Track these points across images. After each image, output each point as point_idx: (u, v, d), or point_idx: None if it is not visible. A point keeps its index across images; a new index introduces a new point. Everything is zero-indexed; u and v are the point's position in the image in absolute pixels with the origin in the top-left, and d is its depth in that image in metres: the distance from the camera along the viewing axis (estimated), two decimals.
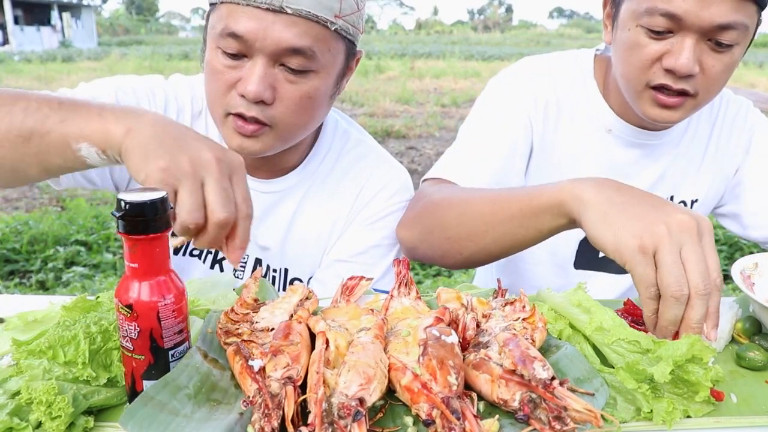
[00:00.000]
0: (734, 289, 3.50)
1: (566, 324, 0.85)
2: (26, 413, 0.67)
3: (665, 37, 1.04)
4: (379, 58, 19.96)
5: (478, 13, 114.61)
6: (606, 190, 0.84)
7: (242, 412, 0.66)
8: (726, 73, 1.07)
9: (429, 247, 1.09)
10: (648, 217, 0.78)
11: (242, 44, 0.98)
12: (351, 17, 1.03)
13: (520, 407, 0.66)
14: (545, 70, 1.26)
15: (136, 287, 0.68)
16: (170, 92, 1.18)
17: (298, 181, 1.21)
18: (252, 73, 0.99)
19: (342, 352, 0.72)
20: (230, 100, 1.02)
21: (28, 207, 5.09)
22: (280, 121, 1.04)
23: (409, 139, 7.92)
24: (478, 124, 1.24)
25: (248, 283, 0.93)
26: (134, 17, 68.72)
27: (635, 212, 0.79)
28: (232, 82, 1.01)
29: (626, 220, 0.79)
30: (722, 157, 1.28)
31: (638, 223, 0.78)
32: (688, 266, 0.75)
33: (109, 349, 0.74)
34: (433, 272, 3.63)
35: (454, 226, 1.04)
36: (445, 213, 1.06)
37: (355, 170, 1.23)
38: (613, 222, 0.80)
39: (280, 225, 1.21)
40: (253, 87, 0.98)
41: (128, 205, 0.66)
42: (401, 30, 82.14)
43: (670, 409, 0.69)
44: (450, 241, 1.05)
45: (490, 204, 1.00)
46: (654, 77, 1.07)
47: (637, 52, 1.08)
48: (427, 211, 1.10)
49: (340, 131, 1.26)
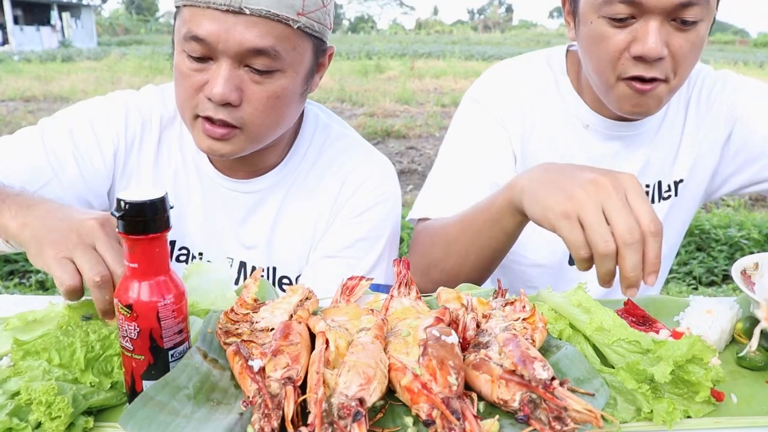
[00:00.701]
0: (734, 289, 3.50)
1: (566, 324, 0.85)
2: (26, 413, 0.67)
3: (628, 23, 1.04)
4: (379, 58, 19.95)
5: (478, 13, 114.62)
6: (536, 172, 0.93)
7: (242, 413, 0.66)
8: (694, 51, 1.07)
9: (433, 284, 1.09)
10: (568, 185, 0.84)
11: (205, 47, 0.98)
12: (315, 14, 1.02)
13: (520, 407, 0.66)
14: (516, 76, 1.28)
15: (136, 287, 0.68)
16: (133, 106, 1.20)
17: (280, 179, 1.21)
18: (217, 75, 0.99)
19: (342, 353, 0.72)
20: (198, 103, 1.03)
21: None
22: (249, 123, 1.04)
23: (409, 139, 7.92)
24: (457, 152, 1.25)
25: (248, 283, 0.93)
26: (134, 17, 68.70)
27: (558, 185, 0.86)
28: (199, 85, 1.01)
29: (550, 193, 0.86)
30: (703, 133, 1.27)
31: (560, 193, 0.84)
32: (612, 221, 0.79)
33: (110, 356, 0.74)
34: None
35: (442, 259, 1.11)
36: (431, 251, 1.13)
37: (337, 164, 1.23)
38: (541, 198, 0.88)
39: (265, 224, 1.21)
40: (219, 89, 0.98)
41: (128, 205, 0.66)
42: (401, 30, 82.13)
43: (670, 409, 0.69)
44: (444, 273, 1.10)
45: (460, 225, 1.07)
46: (624, 69, 1.07)
47: (603, 45, 1.07)
48: (419, 254, 1.16)
49: (321, 126, 1.25)
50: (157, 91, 1.24)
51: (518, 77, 1.27)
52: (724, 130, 1.26)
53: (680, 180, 1.29)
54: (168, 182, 1.20)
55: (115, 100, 1.21)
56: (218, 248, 1.23)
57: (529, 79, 1.26)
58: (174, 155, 1.21)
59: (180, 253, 1.23)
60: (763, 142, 1.22)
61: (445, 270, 1.09)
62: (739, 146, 1.25)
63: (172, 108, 1.21)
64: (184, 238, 1.23)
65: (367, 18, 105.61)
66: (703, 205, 1.41)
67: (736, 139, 1.26)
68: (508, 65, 1.31)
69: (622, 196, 0.80)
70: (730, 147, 1.27)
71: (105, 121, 1.17)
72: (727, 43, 38.27)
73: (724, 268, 3.76)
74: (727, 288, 3.57)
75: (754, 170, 1.26)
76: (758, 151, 1.23)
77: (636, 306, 0.93)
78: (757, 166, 1.25)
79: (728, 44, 37.27)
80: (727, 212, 4.65)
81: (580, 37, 1.14)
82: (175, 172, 1.21)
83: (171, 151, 1.21)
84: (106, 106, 1.19)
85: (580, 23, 1.12)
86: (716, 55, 17.27)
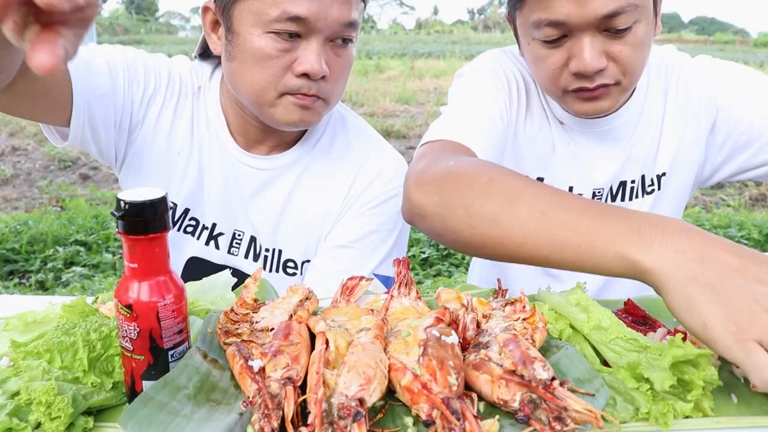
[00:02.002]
0: None
1: (566, 324, 0.85)
2: (25, 414, 0.67)
3: (561, 43, 1.04)
4: (379, 57, 19.95)
5: (478, 12, 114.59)
6: (687, 264, 0.67)
7: (242, 413, 0.66)
8: (638, 52, 1.05)
9: (444, 226, 0.88)
10: (739, 299, 0.64)
11: (302, 26, 1.04)
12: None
13: (520, 408, 0.66)
14: (510, 58, 1.27)
15: (136, 287, 0.68)
16: (173, 65, 1.25)
17: (293, 160, 1.23)
18: (311, 52, 1.05)
19: (342, 353, 0.72)
20: (287, 82, 1.08)
21: (28, 207, 5.09)
22: (332, 93, 1.12)
23: (409, 139, 7.91)
24: (464, 94, 1.19)
25: (248, 283, 0.93)
26: (134, 17, 68.66)
27: (723, 295, 0.65)
28: (286, 65, 1.07)
29: (714, 306, 0.65)
30: (684, 124, 1.25)
31: (727, 309, 0.64)
32: None
33: (111, 355, 0.74)
34: (433, 272, 3.63)
35: (487, 222, 0.82)
36: (474, 198, 0.84)
37: (351, 154, 1.25)
38: (699, 308, 0.65)
39: (275, 204, 1.23)
40: (317, 66, 1.05)
41: (128, 205, 0.66)
42: (401, 30, 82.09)
43: (665, 410, 0.69)
44: (475, 233, 0.84)
45: (538, 217, 0.78)
46: (567, 83, 1.07)
47: (542, 65, 1.09)
48: (450, 184, 0.89)
49: (336, 115, 1.29)
50: (187, 61, 1.28)
51: (513, 60, 1.27)
52: (706, 119, 1.25)
53: (662, 173, 1.28)
54: (196, 148, 1.23)
55: (159, 56, 1.25)
56: (230, 221, 1.24)
57: (520, 70, 1.27)
58: (201, 123, 1.24)
59: (189, 223, 1.24)
60: (749, 129, 1.20)
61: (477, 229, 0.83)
62: (725, 136, 1.24)
63: (198, 80, 1.25)
64: (198, 208, 1.24)
65: (367, 18, 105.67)
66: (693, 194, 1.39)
67: (721, 129, 1.24)
68: (503, 50, 1.31)
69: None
70: (716, 137, 1.25)
71: (152, 62, 1.22)
72: (727, 43, 38.25)
73: None
74: None
75: (744, 158, 1.24)
76: (745, 138, 1.21)
77: (636, 306, 0.93)
78: (746, 153, 1.23)
79: (728, 44, 37.25)
80: (727, 212, 4.65)
81: (524, 53, 1.16)
82: (202, 140, 1.23)
83: (199, 118, 1.24)
84: (152, 55, 1.24)
85: (522, 42, 1.14)
86: (716, 55, 17.29)
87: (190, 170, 1.22)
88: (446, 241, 0.91)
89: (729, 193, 5.61)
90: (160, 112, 1.21)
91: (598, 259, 0.72)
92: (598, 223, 0.73)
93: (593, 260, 0.73)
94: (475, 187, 0.84)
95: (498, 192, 0.82)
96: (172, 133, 1.21)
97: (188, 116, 1.22)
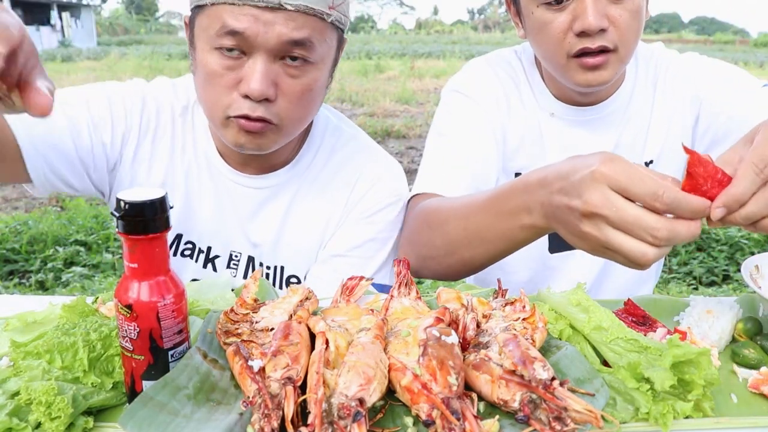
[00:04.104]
0: (734, 289, 3.50)
1: (566, 324, 0.85)
2: (26, 414, 0.67)
3: (565, 6, 1.10)
4: (379, 57, 19.96)
5: (478, 12, 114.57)
6: (550, 210, 0.84)
7: (242, 413, 0.66)
8: (635, 20, 1.12)
9: (426, 272, 1.11)
10: (567, 221, 0.80)
11: (242, 41, 0.98)
12: (342, 7, 1.04)
13: (520, 408, 0.66)
14: (491, 70, 1.32)
15: (136, 287, 0.68)
16: (149, 94, 1.20)
17: (290, 177, 1.22)
18: (253, 71, 0.99)
19: (342, 353, 0.72)
20: (232, 103, 1.02)
21: (28, 207, 5.09)
22: (284, 117, 1.05)
23: (409, 139, 7.92)
24: (444, 138, 1.27)
25: (248, 283, 0.93)
26: (134, 17, 68.65)
27: (559, 217, 0.81)
28: (232, 84, 1.01)
29: (560, 229, 0.83)
30: (670, 114, 1.29)
31: (568, 231, 0.81)
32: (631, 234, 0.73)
33: (111, 356, 0.74)
34: None
35: (442, 255, 1.06)
36: (429, 240, 1.08)
37: (349, 166, 1.24)
38: (562, 234, 0.83)
39: (274, 221, 1.22)
40: (257, 85, 0.98)
41: (128, 205, 0.66)
42: (401, 30, 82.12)
43: (665, 410, 0.69)
44: (443, 266, 1.07)
45: (465, 232, 1.00)
46: (571, 46, 1.12)
47: (547, 30, 1.13)
48: (414, 237, 1.13)
49: (332, 127, 1.27)
50: (168, 82, 1.25)
51: (493, 70, 1.32)
52: (691, 112, 1.29)
53: (650, 161, 1.31)
54: (180, 175, 1.20)
55: (133, 86, 1.22)
56: (226, 243, 1.23)
57: (502, 72, 1.31)
58: (187, 148, 1.21)
59: (186, 247, 1.23)
60: (727, 123, 1.24)
61: (443, 264, 1.08)
62: (706, 128, 1.28)
63: (183, 99, 1.21)
64: (192, 233, 1.23)
65: (367, 18, 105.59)
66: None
67: (703, 121, 1.28)
68: (483, 60, 1.36)
69: (613, 209, 0.72)
70: (699, 128, 1.29)
71: (121, 100, 1.18)
72: (727, 43, 38.25)
73: (724, 268, 3.76)
74: (728, 288, 3.57)
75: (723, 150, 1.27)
76: (723, 131, 1.25)
77: (636, 306, 0.93)
78: (724, 146, 1.25)
79: (728, 44, 37.25)
80: None
81: (527, 31, 1.20)
82: (188, 165, 1.21)
83: (185, 143, 1.21)
84: (124, 89, 1.20)
85: (524, 17, 1.18)
86: (716, 55, 17.29)
87: (175, 198, 1.19)
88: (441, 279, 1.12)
89: None
90: (136, 151, 1.18)
91: (516, 238, 0.92)
92: (502, 215, 0.93)
93: (512, 240, 0.93)
94: (430, 234, 1.08)
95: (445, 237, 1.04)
96: (152, 167, 1.19)
97: (168, 147, 1.19)
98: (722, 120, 1.24)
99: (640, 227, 0.71)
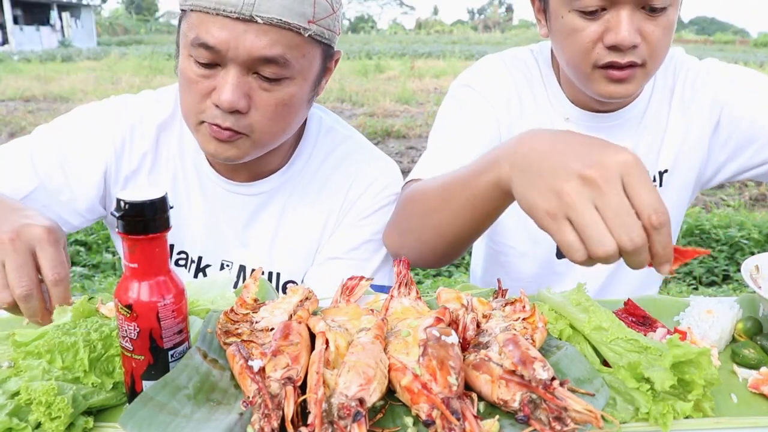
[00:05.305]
0: (734, 289, 3.50)
1: (567, 324, 0.85)
2: (26, 414, 0.67)
3: (599, 16, 1.06)
4: (379, 58, 19.93)
5: (478, 12, 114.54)
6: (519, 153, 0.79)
7: (242, 413, 0.66)
8: (667, 36, 1.09)
9: (408, 251, 1.07)
10: (553, 180, 0.71)
11: (214, 54, 0.97)
12: (325, 21, 1.01)
13: (520, 408, 0.66)
14: (505, 67, 1.29)
15: (136, 287, 0.68)
16: (123, 111, 1.19)
17: (284, 182, 1.20)
18: (225, 82, 0.98)
19: (342, 353, 0.72)
20: (205, 110, 1.01)
21: None
22: (257, 129, 1.03)
23: (409, 139, 7.92)
24: (448, 128, 1.25)
25: (248, 283, 0.93)
26: (134, 17, 68.64)
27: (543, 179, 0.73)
28: (206, 91, 1.00)
29: (534, 189, 0.73)
30: (688, 123, 1.27)
31: (545, 190, 0.72)
32: (607, 223, 0.68)
33: (111, 356, 0.74)
34: (433, 272, 3.63)
35: (419, 229, 1.03)
36: (410, 216, 1.06)
37: (344, 167, 1.22)
38: (526, 193, 0.75)
39: (268, 227, 1.21)
40: (227, 96, 0.97)
41: (128, 205, 0.66)
42: (401, 30, 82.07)
43: (665, 411, 0.69)
44: (420, 242, 1.03)
45: (441, 198, 0.96)
46: (599, 57, 1.08)
47: (576, 37, 1.09)
48: (398, 216, 1.12)
49: (325, 129, 1.25)
50: (150, 95, 1.23)
51: (507, 69, 1.29)
52: (710, 119, 1.26)
53: (665, 170, 1.29)
54: (166, 185, 1.19)
55: (105, 108, 1.20)
56: (217, 252, 1.22)
57: (517, 71, 1.28)
58: (173, 158, 1.20)
59: (179, 257, 1.23)
60: (750, 127, 1.22)
61: (420, 239, 1.04)
62: (728, 134, 1.25)
63: (169, 110, 1.20)
64: (183, 242, 1.22)
65: (367, 18, 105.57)
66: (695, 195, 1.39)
67: (724, 127, 1.26)
68: (498, 58, 1.33)
69: (615, 189, 0.68)
70: (719, 136, 1.27)
71: (94, 130, 1.17)
72: (727, 43, 38.27)
73: (724, 268, 3.76)
74: (728, 288, 3.57)
75: (746, 156, 1.26)
76: (747, 136, 1.23)
77: (636, 306, 0.93)
78: (748, 152, 1.25)
79: (728, 44, 37.27)
80: (728, 212, 4.65)
81: (552, 32, 1.16)
82: (174, 175, 1.20)
83: (169, 154, 1.20)
84: (96, 115, 1.19)
85: (552, 19, 1.14)
86: (716, 55, 17.33)
87: None
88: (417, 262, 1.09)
89: (729, 193, 5.61)
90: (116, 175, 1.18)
91: (477, 197, 0.88)
92: (473, 173, 0.89)
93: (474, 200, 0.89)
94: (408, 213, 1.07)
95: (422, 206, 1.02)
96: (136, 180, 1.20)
97: (148, 163, 1.19)
98: (745, 125, 1.22)
99: (624, 221, 0.67)
